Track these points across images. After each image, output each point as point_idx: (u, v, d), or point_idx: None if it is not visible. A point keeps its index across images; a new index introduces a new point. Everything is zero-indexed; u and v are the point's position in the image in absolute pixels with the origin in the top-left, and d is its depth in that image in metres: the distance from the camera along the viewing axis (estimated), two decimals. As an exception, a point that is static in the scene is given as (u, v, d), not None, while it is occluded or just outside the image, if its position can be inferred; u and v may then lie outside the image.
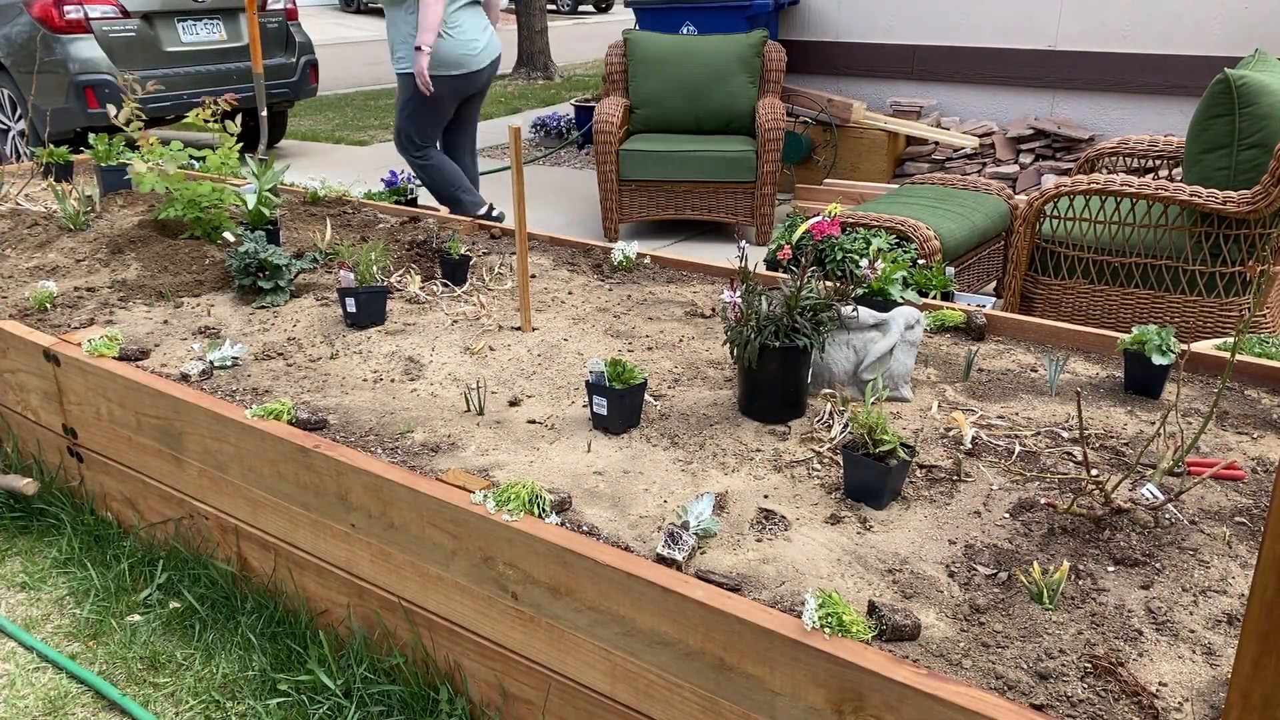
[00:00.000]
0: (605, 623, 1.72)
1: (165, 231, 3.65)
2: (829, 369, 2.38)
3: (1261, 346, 3.12)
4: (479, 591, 1.92)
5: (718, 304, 2.94)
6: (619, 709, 1.77)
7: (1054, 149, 6.47)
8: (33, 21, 7.11)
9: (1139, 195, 3.61)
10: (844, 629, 1.48)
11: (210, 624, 2.43)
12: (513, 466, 2.08)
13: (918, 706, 1.38)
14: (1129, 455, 2.05)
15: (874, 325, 2.36)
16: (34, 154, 4.59)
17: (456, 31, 5.02)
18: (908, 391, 2.36)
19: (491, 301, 3.04)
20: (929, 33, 6.83)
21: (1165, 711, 1.39)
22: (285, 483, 2.21)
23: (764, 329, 2.16)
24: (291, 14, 8.39)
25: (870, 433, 1.88)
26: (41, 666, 2.37)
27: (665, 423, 2.25)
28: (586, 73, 13.60)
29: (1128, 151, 4.45)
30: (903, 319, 2.36)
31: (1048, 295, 3.96)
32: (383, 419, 2.31)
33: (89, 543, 2.76)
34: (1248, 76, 3.49)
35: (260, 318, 2.97)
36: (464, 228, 3.75)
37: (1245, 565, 1.71)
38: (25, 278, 3.33)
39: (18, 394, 2.95)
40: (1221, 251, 3.57)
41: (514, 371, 2.55)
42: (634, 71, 6.00)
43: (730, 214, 5.83)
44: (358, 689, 2.12)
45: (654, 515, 1.89)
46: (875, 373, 2.32)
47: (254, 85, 6.24)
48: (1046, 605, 1.60)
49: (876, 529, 1.83)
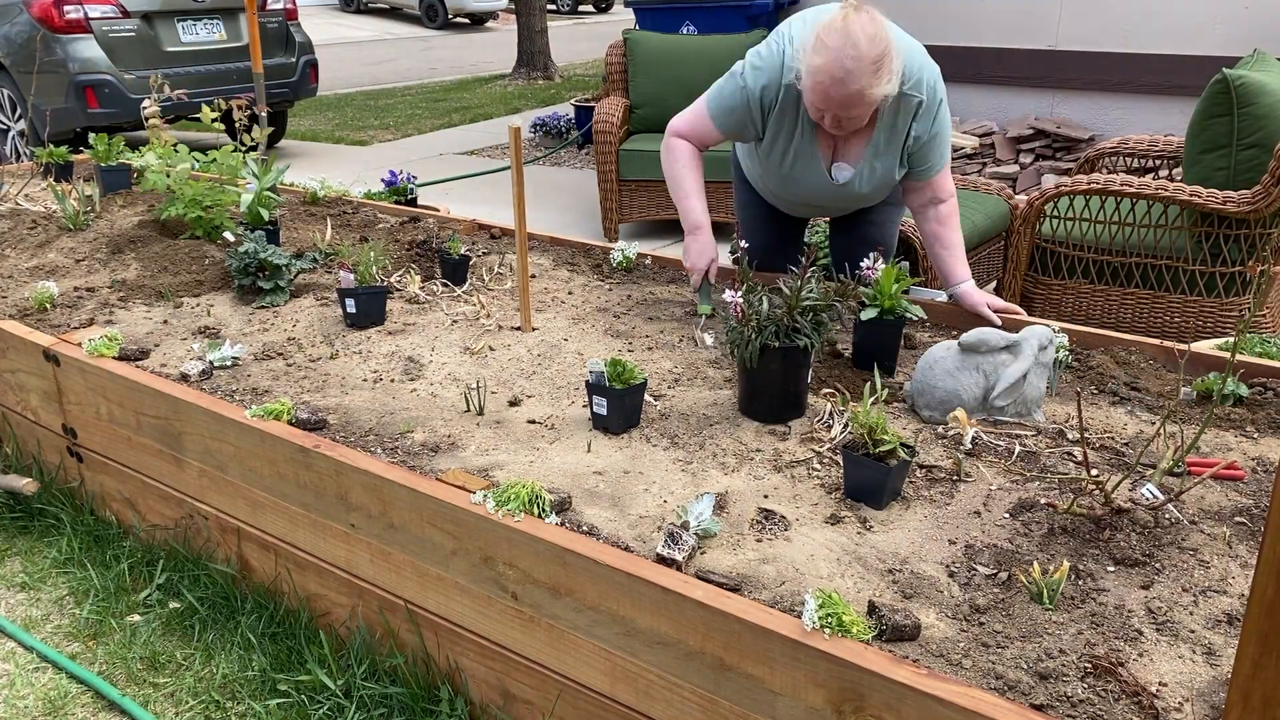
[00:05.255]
0: (605, 623, 1.72)
1: (165, 231, 3.66)
2: (957, 395, 2.18)
3: (1262, 346, 3.12)
4: (479, 591, 1.92)
5: (718, 304, 2.93)
6: (619, 709, 1.77)
7: (1054, 149, 6.46)
8: (33, 21, 7.11)
9: (1139, 195, 3.61)
10: (844, 629, 1.48)
11: (210, 624, 2.43)
12: (513, 466, 2.08)
13: (918, 706, 1.38)
14: (1129, 455, 2.05)
15: (1004, 347, 2.17)
16: (34, 154, 4.59)
17: None
18: (1040, 416, 2.20)
19: (491, 301, 3.04)
20: (929, 32, 6.78)
21: (1165, 711, 1.39)
22: (285, 483, 2.21)
23: (764, 329, 2.15)
24: (291, 14, 8.39)
25: (870, 433, 1.88)
26: (41, 666, 2.37)
27: (665, 423, 2.25)
28: (586, 73, 13.61)
29: (1128, 151, 4.45)
30: (1036, 340, 2.19)
31: (1048, 295, 3.96)
32: (383, 419, 2.31)
33: (89, 543, 2.76)
34: (1246, 76, 3.49)
35: (260, 318, 2.97)
36: (464, 228, 3.75)
37: (1245, 565, 1.71)
38: (25, 278, 3.32)
39: (18, 394, 2.95)
40: (1221, 251, 3.57)
41: (514, 371, 2.55)
42: (634, 71, 6.00)
43: (730, 214, 5.82)
44: (358, 689, 2.12)
45: (654, 515, 1.89)
46: (1008, 399, 2.17)
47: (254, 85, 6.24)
48: (1046, 605, 1.60)
49: (876, 529, 1.83)
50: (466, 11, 22.28)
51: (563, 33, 18.39)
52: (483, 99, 11.88)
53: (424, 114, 10.98)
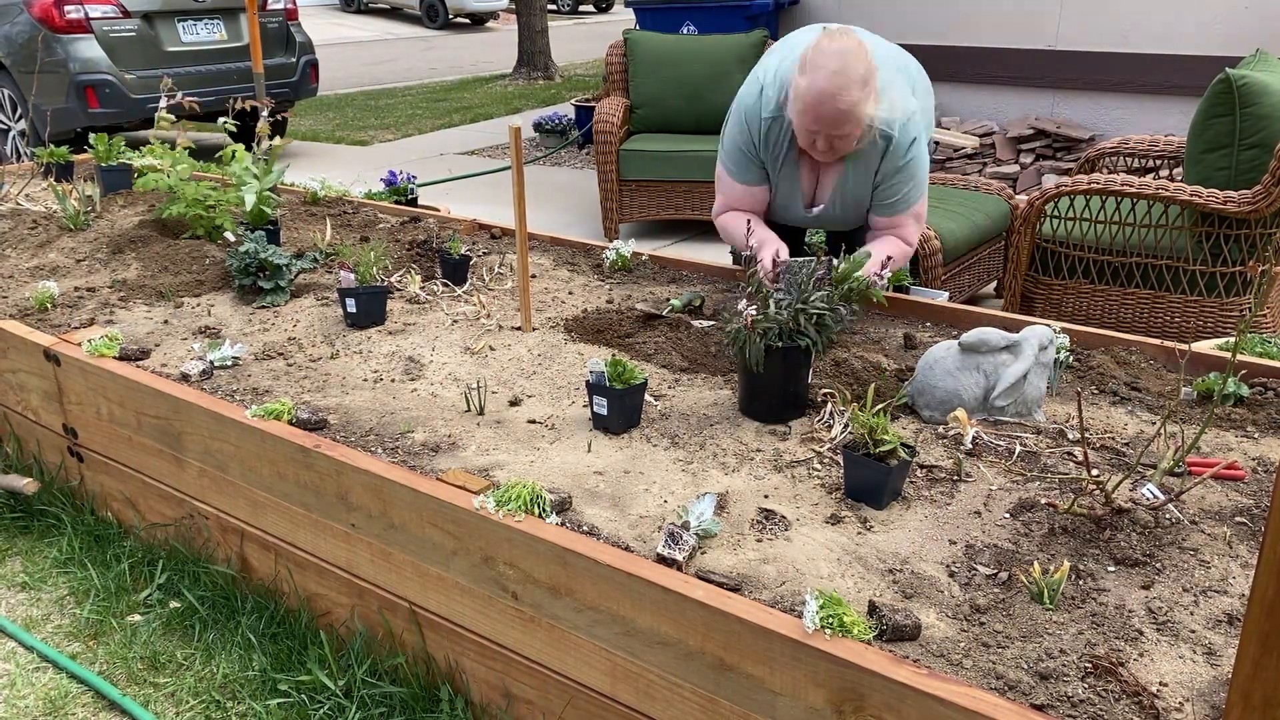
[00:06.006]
0: (605, 623, 1.72)
1: (165, 231, 3.66)
2: (957, 395, 2.18)
3: (1263, 346, 3.12)
4: (479, 591, 1.92)
5: (718, 304, 2.93)
6: (619, 709, 1.77)
7: (1054, 149, 6.46)
8: (33, 21, 7.11)
9: (1139, 195, 3.61)
10: (844, 629, 1.48)
11: (210, 624, 2.43)
12: (513, 466, 2.08)
13: (918, 706, 1.38)
14: (1129, 455, 2.05)
15: (1005, 347, 2.17)
16: (34, 154, 4.59)
17: None
18: (1040, 416, 2.21)
19: (491, 301, 3.04)
20: (929, 32, 6.82)
21: (1166, 711, 1.39)
22: (285, 483, 2.21)
23: (767, 331, 2.15)
24: (291, 14, 8.39)
25: (870, 433, 1.88)
26: (42, 666, 2.37)
27: (665, 423, 2.25)
28: (586, 73, 13.61)
29: (1128, 151, 4.45)
30: (1036, 339, 2.19)
31: (1048, 295, 3.96)
32: (383, 419, 2.31)
33: (89, 543, 2.76)
34: (1249, 76, 3.49)
35: (260, 318, 2.97)
36: (464, 228, 3.75)
37: (1246, 565, 1.71)
38: (25, 278, 3.33)
39: (18, 394, 2.95)
40: (1222, 251, 3.57)
41: (514, 371, 2.55)
42: (634, 71, 6.00)
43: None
44: (358, 689, 2.12)
45: (654, 515, 1.89)
46: (1008, 399, 2.17)
47: (254, 85, 6.24)
48: (1047, 605, 1.60)
49: (877, 529, 1.83)
50: (467, 11, 22.29)
51: (563, 33, 18.40)
52: (483, 99, 11.88)
53: (424, 114, 10.99)
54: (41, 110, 7.13)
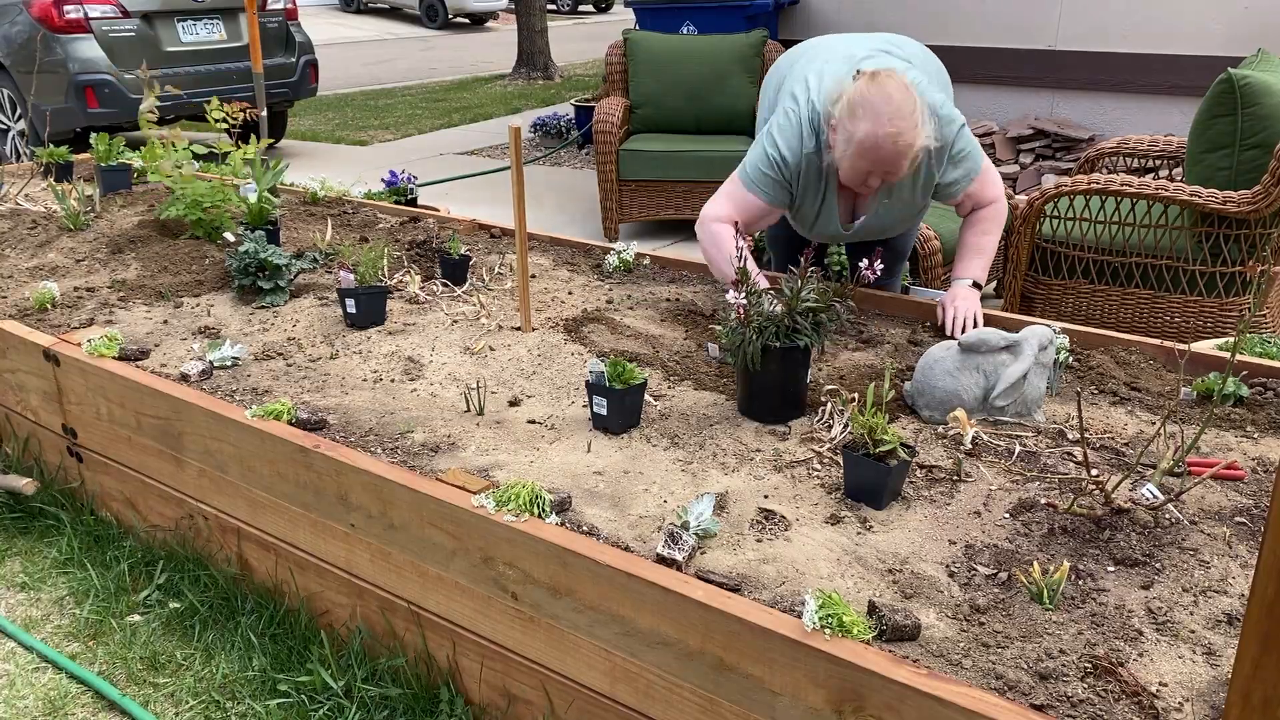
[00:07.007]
0: (605, 623, 1.72)
1: (165, 231, 3.65)
2: (957, 395, 2.18)
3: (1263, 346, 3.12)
4: (479, 591, 1.92)
5: (718, 304, 2.93)
6: (619, 709, 1.77)
7: (1054, 149, 6.46)
8: (32, 21, 7.11)
9: (1139, 195, 3.61)
10: (844, 629, 1.48)
11: (210, 624, 2.43)
12: (513, 466, 2.08)
13: (918, 706, 1.38)
14: (1129, 455, 2.05)
15: (1004, 347, 2.17)
16: (34, 154, 4.59)
17: None
18: (1040, 416, 2.21)
19: (491, 301, 3.04)
20: (929, 32, 6.80)
21: (1165, 711, 1.39)
22: (285, 483, 2.21)
23: (765, 330, 2.15)
24: (291, 14, 8.38)
25: (870, 433, 1.88)
26: (41, 666, 2.37)
27: (665, 423, 2.25)
28: (586, 73, 13.60)
29: (1128, 151, 4.45)
30: (1036, 340, 2.19)
31: (1048, 295, 3.96)
32: (383, 419, 2.31)
33: (89, 543, 2.76)
34: (1251, 77, 3.48)
35: (260, 318, 2.97)
36: (464, 228, 3.75)
37: (1245, 565, 1.71)
38: (25, 278, 3.32)
39: (18, 394, 2.95)
40: (1222, 251, 3.57)
41: (514, 371, 2.55)
42: (634, 71, 6.00)
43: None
44: (358, 689, 2.12)
45: (654, 515, 1.89)
46: (1008, 399, 2.17)
47: (254, 85, 6.24)
48: (1047, 605, 1.60)
49: (876, 529, 1.83)
50: (466, 11, 22.28)
51: (563, 33, 18.39)
52: (483, 99, 11.88)
53: (424, 114, 10.98)
54: (41, 110, 7.13)
